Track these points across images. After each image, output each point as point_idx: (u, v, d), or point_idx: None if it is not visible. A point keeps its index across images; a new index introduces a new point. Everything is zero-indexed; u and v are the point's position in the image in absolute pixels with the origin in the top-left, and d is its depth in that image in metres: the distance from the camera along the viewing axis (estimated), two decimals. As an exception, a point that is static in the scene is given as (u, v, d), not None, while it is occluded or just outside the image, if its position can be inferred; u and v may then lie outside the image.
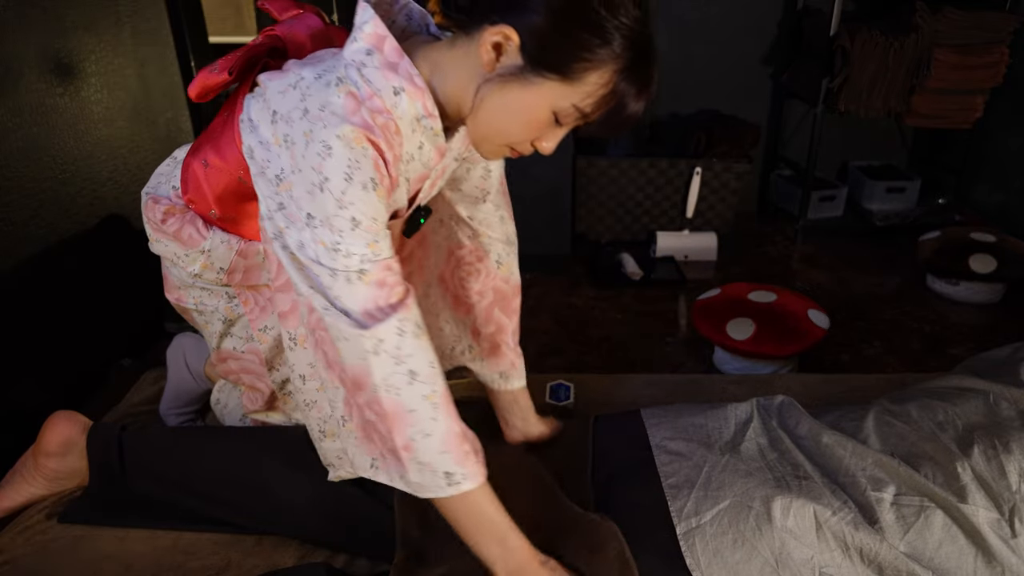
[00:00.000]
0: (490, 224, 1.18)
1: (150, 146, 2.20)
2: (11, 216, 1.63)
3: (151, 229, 1.13)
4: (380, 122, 0.84)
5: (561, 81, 0.82)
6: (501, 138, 0.90)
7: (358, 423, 0.91)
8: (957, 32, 2.61)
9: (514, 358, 1.25)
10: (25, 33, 1.67)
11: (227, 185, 1.04)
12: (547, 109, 0.85)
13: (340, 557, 1.09)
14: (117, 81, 2.02)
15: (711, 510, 0.93)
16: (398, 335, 0.84)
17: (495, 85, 0.85)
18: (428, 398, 0.85)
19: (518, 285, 1.24)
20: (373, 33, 0.86)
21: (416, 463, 0.86)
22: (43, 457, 1.17)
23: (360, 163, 0.81)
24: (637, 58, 0.83)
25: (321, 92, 0.83)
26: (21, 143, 1.65)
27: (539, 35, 0.80)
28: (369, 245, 0.83)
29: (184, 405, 1.43)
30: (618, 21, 0.80)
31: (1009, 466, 0.93)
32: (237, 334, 1.20)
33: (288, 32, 1.02)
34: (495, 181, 1.14)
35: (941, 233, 2.54)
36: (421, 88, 0.86)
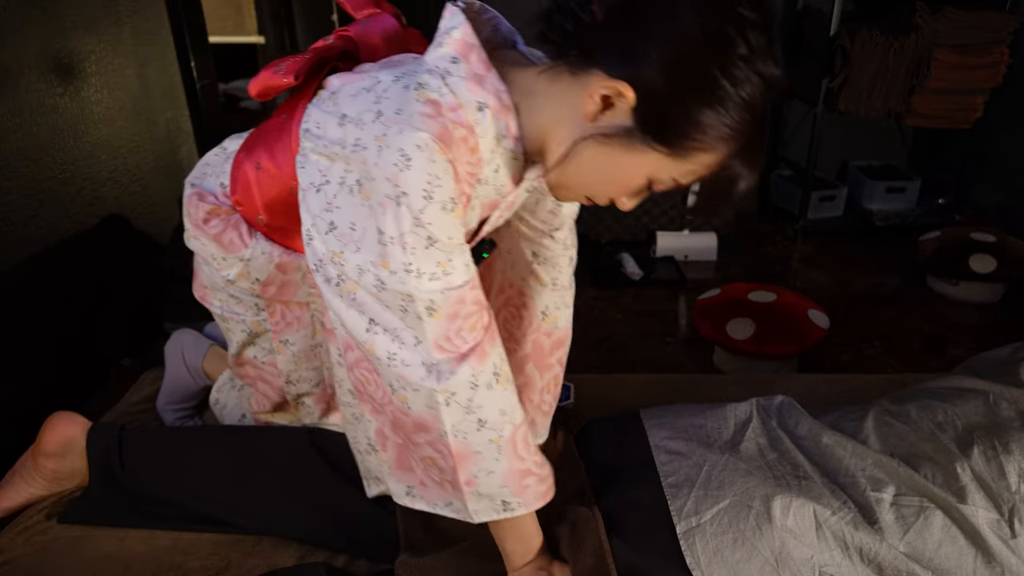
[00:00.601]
0: (555, 263, 1.10)
1: (150, 146, 2.20)
2: (11, 216, 1.63)
3: (191, 225, 1.05)
4: (459, 135, 0.76)
5: (668, 155, 0.76)
6: (584, 190, 0.85)
7: (393, 455, 0.90)
8: (957, 32, 2.61)
9: (536, 416, 1.18)
10: (25, 33, 1.67)
11: (278, 193, 0.96)
12: (644, 177, 0.80)
13: (340, 557, 1.09)
14: (117, 81, 2.02)
15: (711, 509, 0.93)
16: (471, 388, 0.81)
17: (595, 142, 0.77)
18: (494, 442, 0.85)
19: (562, 338, 1.16)
20: (461, 40, 0.79)
21: (476, 494, 0.88)
22: (42, 457, 1.17)
23: (441, 180, 0.74)
24: (755, 137, 0.76)
25: (399, 95, 0.76)
26: (21, 143, 1.65)
27: (653, 99, 0.72)
28: (440, 264, 0.76)
29: (181, 401, 1.43)
30: (743, 95, 0.72)
31: (1008, 466, 0.93)
32: (261, 344, 1.15)
33: (362, 33, 0.94)
34: (566, 216, 1.07)
35: (941, 233, 2.54)
36: (508, 107, 0.80)
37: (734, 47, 0.70)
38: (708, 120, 0.72)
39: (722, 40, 0.70)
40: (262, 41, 3.54)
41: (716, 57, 0.70)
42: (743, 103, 0.72)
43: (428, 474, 0.89)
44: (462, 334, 0.80)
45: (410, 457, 0.90)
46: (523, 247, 1.09)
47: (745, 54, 0.70)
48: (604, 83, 0.73)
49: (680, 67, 0.71)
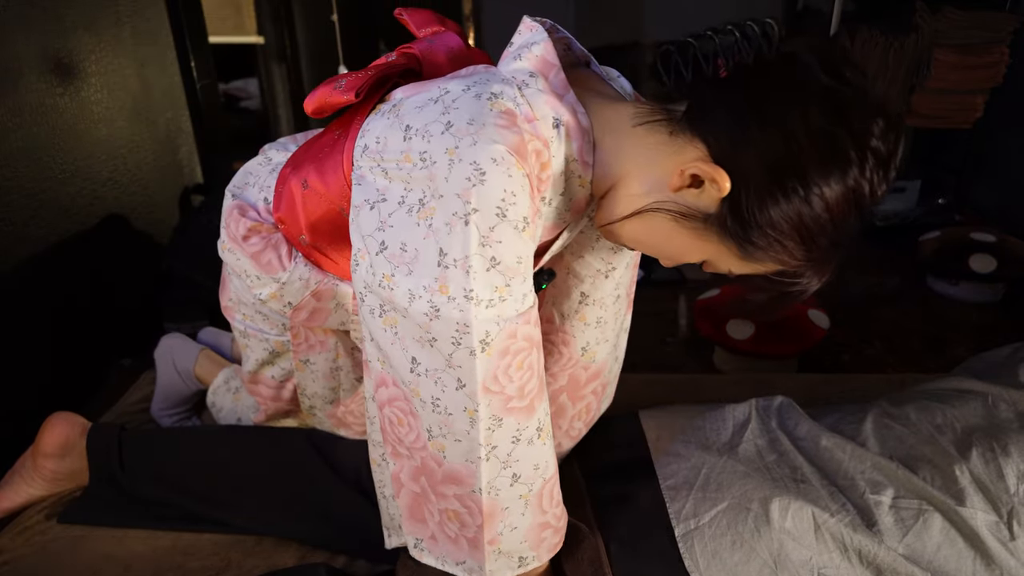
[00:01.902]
0: (603, 303, 1.03)
1: (150, 146, 2.20)
2: (11, 216, 1.63)
3: (228, 238, 0.99)
4: (534, 148, 0.70)
5: (738, 254, 0.72)
6: (634, 245, 0.81)
7: (407, 503, 0.86)
8: (957, 32, 2.61)
9: (562, 440, 1.13)
10: (25, 33, 1.67)
11: (324, 214, 0.90)
12: (702, 258, 0.77)
13: (340, 558, 1.09)
14: (117, 81, 2.02)
15: (709, 512, 0.93)
16: (512, 443, 0.77)
17: (669, 216, 0.73)
18: (523, 497, 0.81)
19: (599, 370, 1.10)
20: (541, 57, 0.75)
21: (497, 552, 0.84)
22: (42, 458, 1.17)
23: (517, 197, 0.68)
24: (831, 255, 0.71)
25: (470, 105, 0.70)
26: (21, 143, 1.65)
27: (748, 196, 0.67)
28: (497, 288, 0.70)
29: (174, 406, 1.42)
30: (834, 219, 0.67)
31: (1007, 469, 0.93)
32: (280, 365, 1.12)
33: (426, 51, 0.87)
34: (626, 257, 1.00)
35: (941, 233, 2.54)
36: (584, 129, 0.75)
37: (846, 172, 0.65)
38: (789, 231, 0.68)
39: (840, 158, 0.65)
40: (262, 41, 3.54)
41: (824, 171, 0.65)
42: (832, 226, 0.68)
43: (443, 528, 0.84)
44: (509, 372, 0.74)
45: (424, 508, 0.85)
46: (572, 286, 1.02)
47: (853, 183, 0.66)
48: (702, 163, 0.69)
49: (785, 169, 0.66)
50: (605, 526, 0.97)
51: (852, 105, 0.66)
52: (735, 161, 0.68)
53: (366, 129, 0.78)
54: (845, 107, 0.65)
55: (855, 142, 0.65)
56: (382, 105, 0.81)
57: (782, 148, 0.65)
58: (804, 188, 0.66)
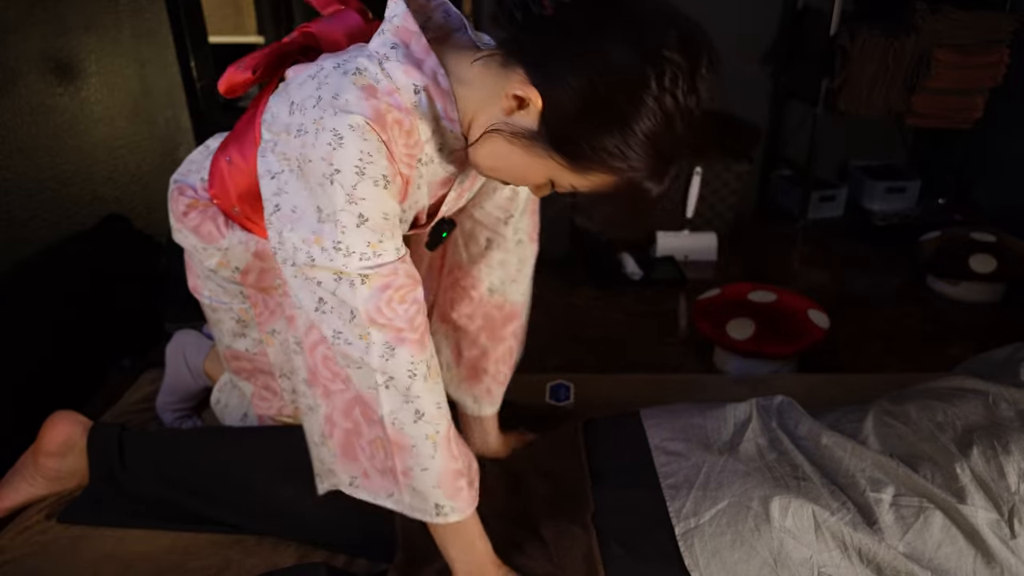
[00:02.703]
0: (505, 248, 1.13)
1: (150, 146, 2.20)
2: (11, 216, 1.63)
3: (174, 219, 1.11)
4: (394, 117, 0.79)
5: (567, 166, 0.79)
6: (494, 175, 0.88)
7: (340, 441, 0.91)
8: (957, 32, 2.61)
9: (492, 385, 1.21)
10: (25, 33, 1.67)
11: (249, 186, 1.01)
12: (544, 177, 0.83)
13: (340, 557, 1.09)
14: (117, 81, 2.02)
15: (710, 510, 0.93)
16: (409, 377, 0.84)
17: (502, 135, 0.81)
18: (430, 437, 0.87)
19: (514, 311, 1.19)
20: (402, 27, 0.82)
21: (411, 488, 0.89)
22: (43, 457, 1.17)
23: (373, 157, 0.77)
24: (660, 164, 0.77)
25: (337, 80, 0.79)
26: (21, 143, 1.65)
27: (560, 116, 0.75)
28: (370, 244, 0.79)
29: (180, 402, 1.43)
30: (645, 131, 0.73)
31: (1008, 467, 0.93)
32: (251, 335, 1.18)
33: (324, 30, 0.97)
34: (522, 203, 1.10)
35: (941, 233, 2.54)
36: (444, 91, 0.83)
37: (646, 86, 0.71)
38: (608, 148, 0.74)
39: (636, 78, 0.71)
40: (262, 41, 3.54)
41: (625, 92, 0.72)
42: (646, 139, 0.74)
43: (372, 462, 0.90)
44: (393, 305, 0.81)
45: (356, 444, 0.90)
46: (477, 233, 1.12)
47: (655, 93, 0.71)
48: (521, 85, 0.76)
49: (589, 94, 0.72)
50: (606, 525, 0.97)
51: (648, 23, 0.72)
52: (547, 84, 0.75)
53: (267, 106, 0.86)
54: (642, 27, 0.72)
55: (650, 57, 0.71)
56: (281, 84, 0.88)
57: (585, 74, 0.72)
58: (607, 109, 0.73)
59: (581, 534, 0.96)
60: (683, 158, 0.79)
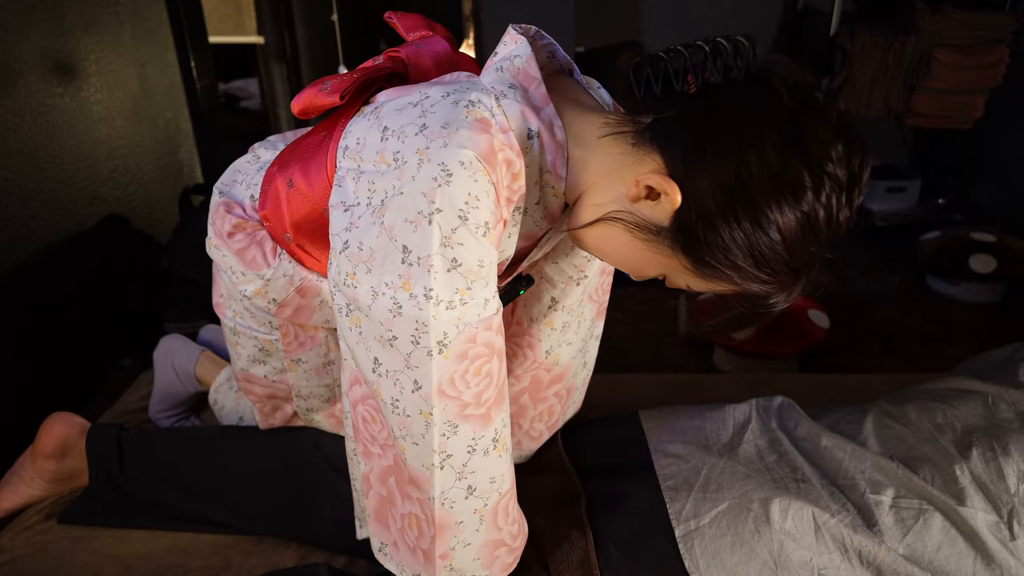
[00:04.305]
0: (571, 310, 1.06)
1: (150, 146, 2.20)
2: (11, 216, 1.63)
3: (214, 235, 1.00)
4: (505, 157, 0.71)
5: (691, 269, 0.73)
6: (599, 256, 0.83)
7: (374, 505, 0.86)
8: (957, 32, 2.61)
9: (522, 439, 1.15)
10: (25, 33, 1.67)
11: (308, 214, 0.91)
12: (659, 271, 0.78)
13: (340, 558, 1.09)
14: (117, 81, 2.02)
15: (710, 512, 0.93)
16: (468, 452, 0.77)
17: (624, 225, 0.74)
18: (478, 512, 0.81)
19: (562, 373, 1.12)
20: (523, 71, 0.76)
21: (448, 568, 0.83)
22: (41, 458, 1.17)
23: (480, 201, 0.69)
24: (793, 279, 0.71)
25: (447, 110, 0.71)
26: (21, 143, 1.65)
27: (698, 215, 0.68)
28: (459, 291, 0.70)
29: (172, 408, 1.41)
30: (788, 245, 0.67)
31: (1007, 468, 0.93)
32: (272, 364, 1.11)
33: (413, 55, 0.89)
34: (597, 263, 1.03)
35: (941, 233, 2.54)
36: (559, 143, 0.76)
37: (802, 196, 0.65)
38: (742, 257, 0.68)
39: (793, 184, 0.65)
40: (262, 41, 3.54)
41: (777, 198, 0.65)
42: (787, 253, 0.68)
43: (403, 536, 0.85)
44: (466, 378, 0.74)
45: (389, 513, 0.86)
46: (543, 291, 1.04)
47: (810, 207, 0.65)
48: (657, 176, 0.69)
49: (737, 194, 0.66)
50: (604, 526, 0.97)
51: (812, 129, 0.65)
52: (689, 178, 0.68)
53: (348, 130, 0.79)
54: (805, 132, 0.65)
55: (811, 168, 0.65)
56: (366, 108, 0.82)
57: (734, 173, 0.65)
58: (754, 214, 0.66)
59: (578, 538, 0.96)
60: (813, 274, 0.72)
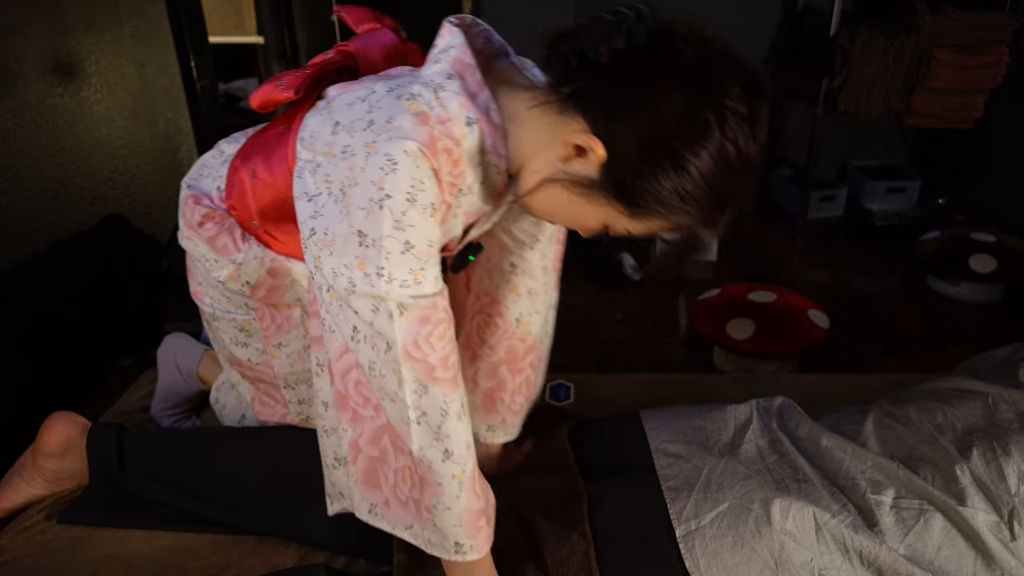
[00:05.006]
0: (531, 274, 1.13)
1: (150, 146, 2.20)
2: (11, 216, 1.63)
3: (185, 226, 1.07)
4: (444, 145, 0.79)
5: (626, 212, 0.81)
6: (547, 218, 0.92)
7: (362, 468, 0.90)
8: (957, 32, 2.61)
9: (507, 415, 1.20)
10: (25, 33, 1.67)
11: (272, 201, 0.99)
12: (600, 223, 0.85)
13: (340, 558, 1.09)
14: (117, 81, 2.02)
15: (710, 512, 0.93)
16: (441, 415, 0.83)
17: (561, 184, 0.82)
18: (456, 477, 0.86)
19: (535, 342, 1.18)
20: (459, 59, 0.83)
21: (432, 524, 0.88)
22: (42, 458, 1.17)
23: (424, 184, 0.77)
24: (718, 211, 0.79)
25: (391, 105, 0.79)
26: (21, 143, 1.65)
27: (622, 165, 0.76)
28: (413, 271, 0.79)
29: (174, 407, 1.42)
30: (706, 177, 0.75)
31: (1008, 469, 0.93)
32: (254, 345, 1.15)
33: (361, 48, 0.97)
34: (547, 228, 1.10)
35: (941, 233, 2.54)
36: (496, 126, 0.83)
37: (710, 134, 0.73)
38: (669, 197, 0.76)
39: (700, 125, 0.73)
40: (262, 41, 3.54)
41: (689, 140, 0.73)
42: (707, 185, 0.75)
43: (396, 492, 0.89)
44: (431, 341, 0.81)
45: (381, 471, 0.90)
46: (502, 258, 1.11)
47: (718, 142, 0.73)
48: (582, 134, 0.77)
49: (653, 142, 0.74)
50: (605, 527, 0.97)
51: (712, 75, 0.73)
52: (609, 133, 0.76)
53: (304, 124, 0.86)
54: (706, 78, 0.73)
55: (713, 108, 0.72)
56: (320, 102, 0.89)
57: (648, 122, 0.73)
58: (671, 155, 0.74)
59: (579, 541, 0.96)
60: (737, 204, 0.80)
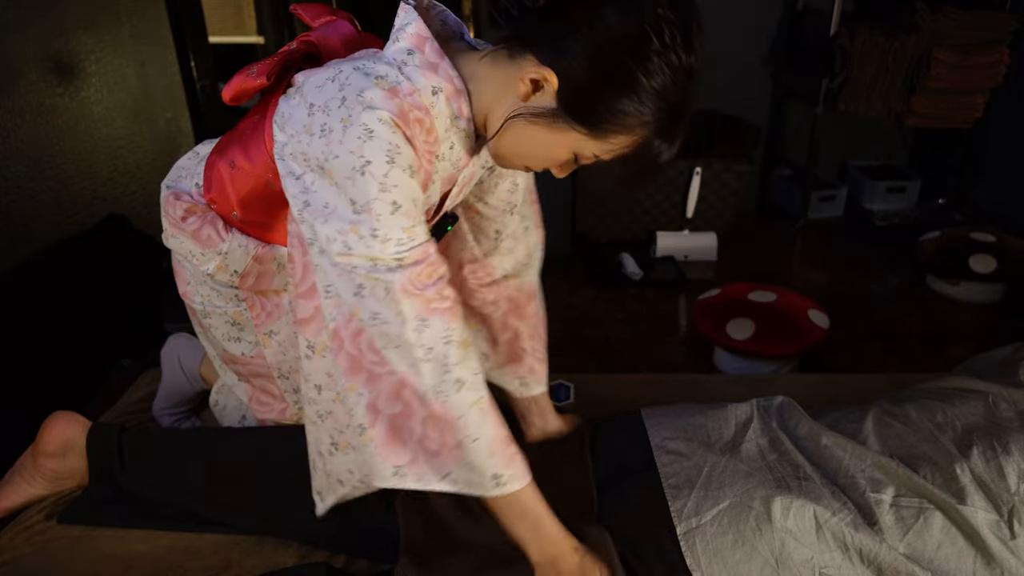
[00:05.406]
0: (515, 236, 1.17)
1: (150, 146, 2.20)
2: (11, 216, 1.63)
3: (168, 224, 1.11)
4: (415, 116, 0.84)
5: (588, 134, 0.85)
6: (519, 160, 0.93)
7: (384, 427, 0.89)
8: (957, 32, 2.61)
9: (533, 363, 1.23)
10: (25, 33, 1.67)
11: (253, 188, 1.03)
12: (569, 151, 0.88)
13: (340, 557, 1.09)
14: (117, 81, 2.02)
15: (711, 510, 0.93)
16: (445, 343, 0.85)
17: (524, 119, 0.86)
18: (475, 404, 0.87)
19: (532, 290, 1.22)
20: (415, 34, 0.87)
21: (465, 463, 0.88)
22: (43, 457, 1.17)
23: (401, 148, 0.81)
24: (672, 119, 0.83)
25: (360, 81, 0.83)
26: (21, 143, 1.65)
27: (575, 87, 0.81)
28: (405, 230, 0.82)
29: (176, 405, 1.42)
30: (655, 85, 0.80)
31: (1008, 467, 0.93)
32: (246, 339, 1.17)
33: (322, 38, 1.01)
34: (522, 193, 1.14)
35: (941, 233, 2.54)
36: (460, 90, 0.88)
37: (648, 43, 0.77)
38: (624, 108, 0.81)
39: (638, 36, 0.78)
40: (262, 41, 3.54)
41: (631, 52, 0.78)
42: (657, 93, 0.80)
43: (423, 444, 0.88)
44: (423, 278, 0.84)
45: (405, 427, 0.88)
46: (486, 226, 1.15)
47: (658, 49, 0.78)
48: (534, 68, 0.82)
49: (599, 59, 0.79)
50: (607, 525, 0.97)
51: None
52: (558, 61, 0.81)
53: (279, 109, 0.89)
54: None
55: (648, 20, 0.77)
56: (290, 89, 0.92)
57: (590, 44, 0.79)
58: (618, 71, 0.79)
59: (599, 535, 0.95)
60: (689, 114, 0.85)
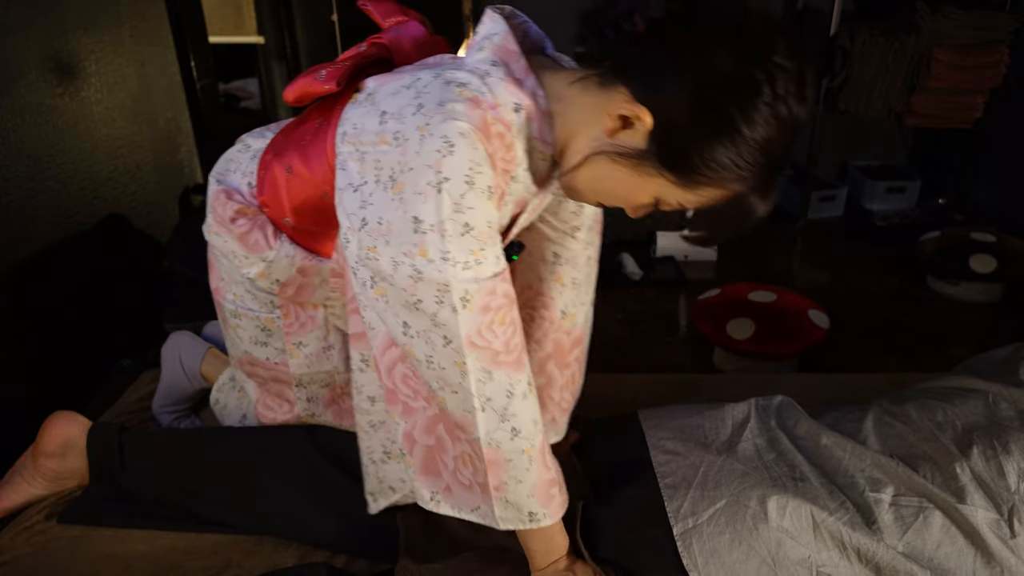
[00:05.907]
0: (575, 263, 1.09)
1: (150, 146, 2.20)
2: (11, 216, 1.63)
3: (214, 221, 1.04)
4: (497, 130, 0.78)
5: (676, 183, 0.77)
6: (593, 197, 0.87)
7: (420, 458, 0.91)
8: (957, 32, 2.61)
9: (556, 414, 1.18)
10: (25, 33, 1.67)
11: (308, 198, 0.96)
12: (651, 196, 0.82)
13: (340, 557, 1.09)
14: (117, 81, 2.03)
15: (708, 510, 0.94)
16: (507, 397, 0.83)
17: (607, 157, 0.79)
18: (526, 452, 0.86)
19: (580, 336, 1.16)
20: (502, 46, 0.81)
21: (504, 501, 0.89)
22: (43, 457, 1.17)
23: (482, 167, 0.75)
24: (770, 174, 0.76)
25: (440, 90, 0.77)
26: (21, 143, 1.65)
27: (670, 130, 0.73)
28: (473, 252, 0.77)
29: (176, 404, 1.41)
30: (758, 137, 0.71)
31: (1008, 467, 0.93)
32: (273, 345, 1.13)
33: (394, 40, 0.96)
34: (588, 217, 1.07)
35: (941, 233, 2.54)
36: (542, 111, 0.82)
37: (759, 92, 0.70)
38: (721, 159, 0.73)
39: (748, 83, 0.70)
40: (262, 41, 3.54)
41: (739, 99, 0.70)
42: (759, 146, 0.72)
43: (457, 476, 0.90)
44: (493, 328, 0.80)
45: (439, 459, 0.91)
46: (544, 248, 1.09)
47: (769, 100, 0.70)
48: (627, 104, 0.74)
49: (701, 104, 0.71)
50: (602, 524, 0.98)
51: (756, 33, 0.71)
52: (655, 99, 0.73)
53: (345, 118, 0.84)
54: (749, 36, 0.71)
55: (761, 66, 0.70)
56: (358, 95, 0.87)
57: (693, 84, 0.71)
58: (720, 116, 0.71)
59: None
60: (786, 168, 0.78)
